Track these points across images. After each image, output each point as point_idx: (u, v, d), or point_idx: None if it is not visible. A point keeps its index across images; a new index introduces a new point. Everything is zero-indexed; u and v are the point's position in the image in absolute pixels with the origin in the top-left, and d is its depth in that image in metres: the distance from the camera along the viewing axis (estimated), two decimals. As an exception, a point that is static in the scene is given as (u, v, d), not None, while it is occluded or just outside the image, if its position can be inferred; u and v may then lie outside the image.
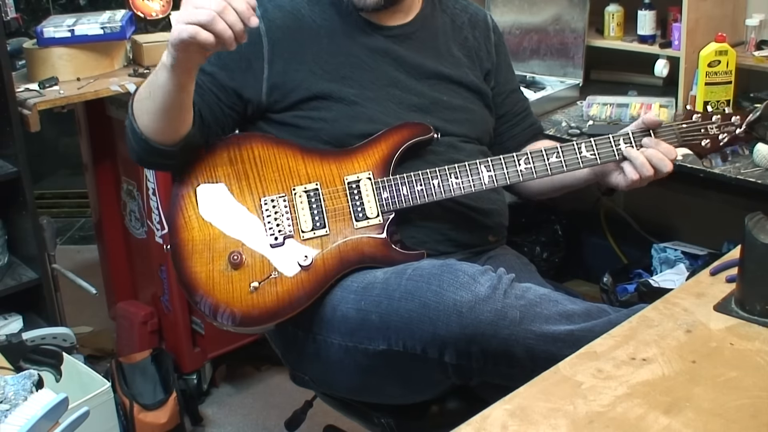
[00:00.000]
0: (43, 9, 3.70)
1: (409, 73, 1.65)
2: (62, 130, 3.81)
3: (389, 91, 1.62)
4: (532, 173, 1.56)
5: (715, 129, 1.59)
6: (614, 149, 1.56)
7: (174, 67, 1.36)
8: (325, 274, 1.50)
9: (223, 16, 1.31)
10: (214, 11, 1.30)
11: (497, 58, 1.76)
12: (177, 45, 1.33)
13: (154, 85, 1.42)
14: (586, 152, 1.56)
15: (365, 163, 1.57)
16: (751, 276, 1.14)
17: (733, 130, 1.59)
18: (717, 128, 1.59)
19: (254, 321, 1.48)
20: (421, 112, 1.63)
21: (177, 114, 1.46)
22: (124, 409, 2.32)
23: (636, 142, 1.55)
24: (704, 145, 1.59)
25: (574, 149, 1.56)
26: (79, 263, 3.33)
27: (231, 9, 1.32)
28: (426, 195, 1.55)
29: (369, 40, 1.63)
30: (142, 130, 1.48)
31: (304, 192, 1.55)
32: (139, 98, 1.48)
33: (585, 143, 1.56)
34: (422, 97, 1.64)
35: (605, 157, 1.56)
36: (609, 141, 1.56)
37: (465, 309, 1.31)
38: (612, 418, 0.95)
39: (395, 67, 1.64)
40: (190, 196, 1.55)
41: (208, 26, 1.30)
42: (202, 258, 1.50)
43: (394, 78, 1.63)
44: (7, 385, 1.28)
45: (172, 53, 1.35)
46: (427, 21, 1.70)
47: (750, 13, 2.30)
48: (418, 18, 1.69)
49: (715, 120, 1.59)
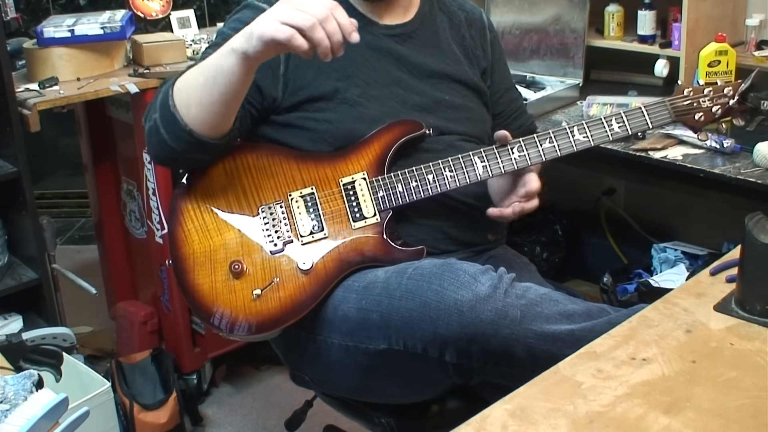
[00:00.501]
0: (43, 9, 3.70)
1: (411, 72, 1.65)
2: (62, 130, 3.81)
3: (392, 90, 1.62)
4: (526, 160, 1.55)
5: (707, 102, 1.59)
6: (607, 130, 1.55)
7: (249, 57, 1.33)
8: (327, 277, 1.50)
9: (323, 25, 1.28)
10: (316, 18, 1.27)
11: (493, 57, 1.77)
12: (267, 41, 1.30)
13: (215, 71, 1.38)
14: (579, 135, 1.56)
15: (359, 164, 1.57)
16: (751, 276, 1.14)
17: (726, 102, 1.59)
18: (710, 101, 1.59)
19: (259, 328, 1.48)
20: (424, 111, 1.63)
21: (235, 104, 1.43)
22: (124, 409, 2.32)
23: None
24: (698, 118, 1.59)
25: (567, 133, 1.55)
26: (79, 263, 3.33)
27: (333, 19, 1.28)
28: (422, 191, 1.55)
29: (372, 39, 1.63)
30: (188, 122, 1.42)
31: (300, 197, 1.55)
32: (187, 86, 1.43)
33: (577, 126, 1.56)
34: (424, 97, 1.64)
35: (598, 137, 1.56)
36: (601, 123, 1.56)
37: (466, 308, 1.31)
38: (612, 418, 0.95)
39: (398, 67, 1.64)
40: (188, 209, 1.55)
41: (306, 32, 1.27)
42: (204, 270, 1.50)
43: (397, 77, 1.63)
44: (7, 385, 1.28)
45: (256, 45, 1.31)
46: (426, 19, 1.70)
47: (750, 13, 2.30)
48: (417, 16, 1.69)
49: (707, 93, 1.59)
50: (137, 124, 2.43)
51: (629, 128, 1.56)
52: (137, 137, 2.44)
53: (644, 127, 1.57)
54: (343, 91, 1.59)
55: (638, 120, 1.56)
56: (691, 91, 1.59)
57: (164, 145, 1.46)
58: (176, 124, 1.43)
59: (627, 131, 1.56)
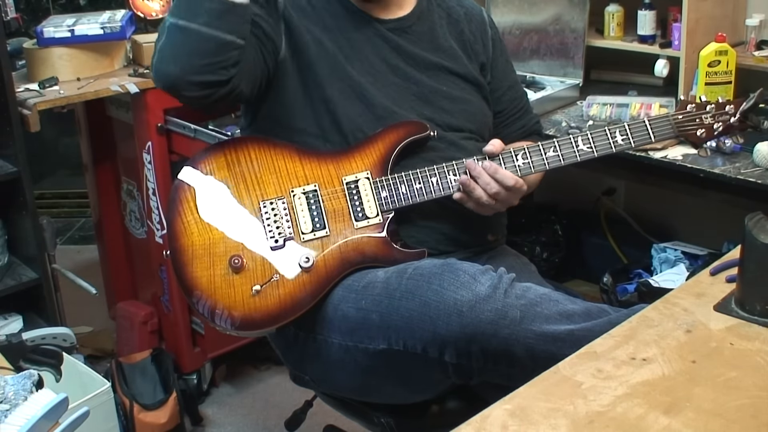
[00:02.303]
0: (43, 9, 3.70)
1: (407, 62, 1.65)
2: (62, 130, 3.81)
3: (389, 78, 1.62)
4: (530, 168, 1.56)
5: (709, 118, 1.62)
6: (610, 141, 1.57)
7: None
8: (327, 275, 1.50)
9: None
10: None
11: (494, 53, 1.77)
12: None
13: None
14: (583, 145, 1.57)
15: (363, 163, 1.57)
16: (751, 276, 1.14)
17: (727, 119, 1.62)
18: (711, 117, 1.62)
19: (257, 324, 1.48)
20: (421, 101, 1.63)
21: None
22: (124, 409, 2.32)
23: None
24: (699, 134, 1.62)
25: (571, 142, 1.57)
26: (79, 263, 3.33)
27: None
28: (425, 193, 1.55)
29: (368, 30, 1.64)
30: (205, 28, 1.38)
31: (302, 194, 1.55)
32: None
33: (581, 136, 1.57)
34: (422, 86, 1.65)
35: (601, 149, 1.57)
36: (605, 133, 1.57)
37: (465, 308, 1.31)
38: (612, 418, 0.95)
39: (395, 56, 1.64)
40: (188, 200, 1.54)
41: None
42: (202, 263, 1.50)
43: (395, 66, 1.63)
44: (7, 385, 1.28)
45: None
46: (423, 15, 1.70)
47: (750, 13, 2.30)
48: (414, 12, 1.69)
49: (709, 109, 1.62)
50: (137, 124, 2.43)
51: (632, 141, 1.58)
52: (137, 137, 2.44)
53: (647, 141, 1.60)
54: (341, 69, 1.59)
55: (642, 134, 1.58)
56: (694, 107, 1.62)
57: (178, 60, 1.40)
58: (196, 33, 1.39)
59: (630, 144, 1.58)
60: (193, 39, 1.40)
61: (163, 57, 1.42)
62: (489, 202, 1.53)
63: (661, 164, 1.97)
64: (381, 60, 1.63)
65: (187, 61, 1.40)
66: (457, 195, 1.55)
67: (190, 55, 1.41)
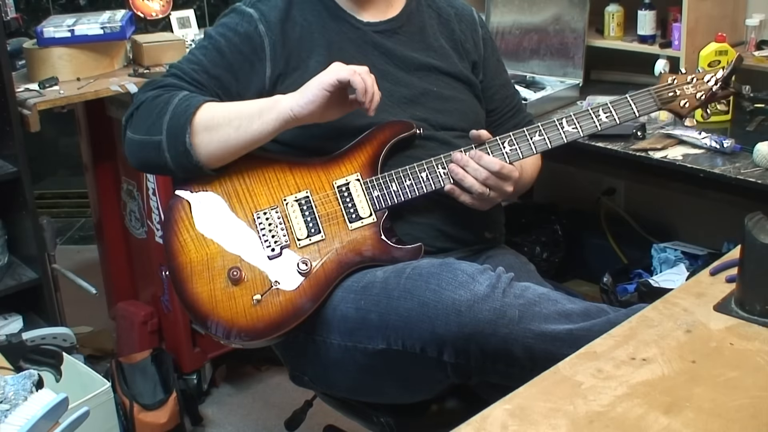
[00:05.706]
0: (43, 9, 3.70)
1: (397, 65, 1.65)
2: (62, 130, 3.81)
3: (380, 84, 1.62)
4: (518, 154, 1.57)
5: (691, 89, 1.62)
6: (595, 120, 1.58)
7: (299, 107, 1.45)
8: (326, 279, 1.50)
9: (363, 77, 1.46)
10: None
11: (485, 52, 1.77)
12: (327, 84, 1.45)
13: (253, 119, 1.48)
14: (568, 126, 1.57)
15: (352, 166, 1.58)
16: (751, 276, 1.14)
17: (709, 88, 1.62)
18: (693, 87, 1.63)
19: (261, 334, 1.48)
20: (411, 103, 1.64)
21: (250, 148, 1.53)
22: (124, 409, 2.32)
23: None
24: (683, 105, 1.63)
25: (556, 125, 1.57)
26: (79, 263, 3.33)
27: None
28: (416, 189, 1.55)
29: (357, 35, 1.64)
30: (200, 159, 1.50)
31: (295, 201, 1.55)
32: (215, 126, 1.49)
33: (566, 118, 1.58)
34: (412, 89, 1.65)
35: (587, 128, 1.58)
36: (589, 112, 1.58)
37: (464, 308, 1.31)
38: (612, 418, 0.95)
39: (385, 60, 1.64)
40: (182, 219, 1.55)
41: (362, 74, 1.46)
42: (201, 278, 1.50)
43: (384, 71, 1.63)
44: (7, 385, 1.28)
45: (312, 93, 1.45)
46: (413, 15, 1.71)
47: (750, 13, 2.30)
48: (403, 13, 1.69)
49: (690, 80, 1.63)
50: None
51: (617, 118, 1.58)
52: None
53: (631, 115, 1.60)
54: None
55: (625, 109, 1.59)
56: (675, 79, 1.63)
57: (161, 163, 1.53)
58: (187, 158, 1.50)
59: (615, 121, 1.58)
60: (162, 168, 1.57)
61: (141, 152, 1.57)
62: (482, 189, 1.53)
63: (661, 164, 1.97)
64: (371, 67, 1.62)
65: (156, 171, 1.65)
66: (448, 187, 1.55)
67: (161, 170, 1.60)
